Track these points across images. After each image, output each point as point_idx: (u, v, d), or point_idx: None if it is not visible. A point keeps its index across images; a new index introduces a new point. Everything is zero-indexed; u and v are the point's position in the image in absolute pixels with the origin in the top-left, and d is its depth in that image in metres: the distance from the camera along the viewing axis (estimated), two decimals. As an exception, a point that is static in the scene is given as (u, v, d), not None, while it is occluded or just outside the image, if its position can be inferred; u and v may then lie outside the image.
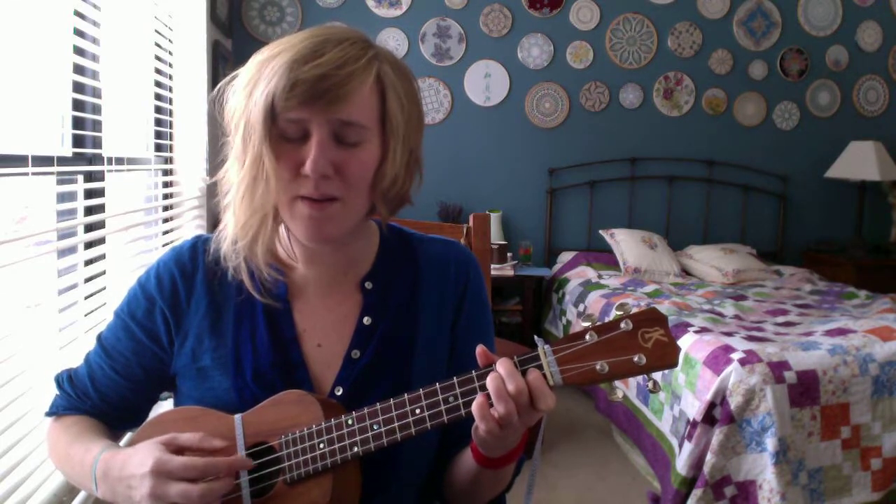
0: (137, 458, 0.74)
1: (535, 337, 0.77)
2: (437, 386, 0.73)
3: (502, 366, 0.70)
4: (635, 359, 0.68)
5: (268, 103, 0.72)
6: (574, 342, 0.70)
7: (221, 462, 0.74)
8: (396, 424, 0.73)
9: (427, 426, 0.73)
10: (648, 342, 0.69)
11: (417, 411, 0.73)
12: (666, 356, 0.69)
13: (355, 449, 0.74)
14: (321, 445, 0.75)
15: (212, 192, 0.84)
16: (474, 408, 0.70)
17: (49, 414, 0.91)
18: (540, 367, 0.71)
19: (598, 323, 0.71)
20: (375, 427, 0.74)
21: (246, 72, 0.77)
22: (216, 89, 0.81)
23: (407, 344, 0.87)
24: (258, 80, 0.74)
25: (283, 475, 0.77)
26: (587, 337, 0.70)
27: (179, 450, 0.75)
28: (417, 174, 0.85)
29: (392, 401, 0.74)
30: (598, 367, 0.69)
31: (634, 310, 0.71)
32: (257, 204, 0.76)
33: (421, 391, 0.73)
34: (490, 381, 0.70)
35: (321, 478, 0.75)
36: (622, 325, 0.70)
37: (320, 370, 0.85)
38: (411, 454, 0.86)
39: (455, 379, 0.73)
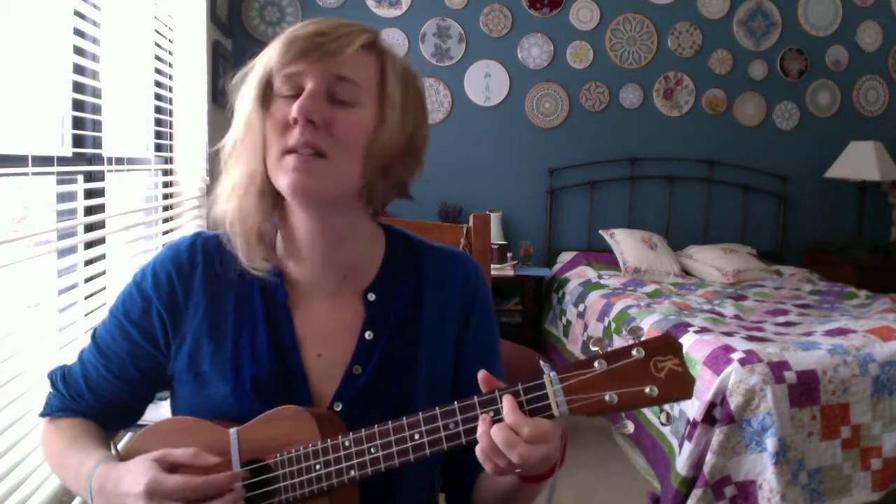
0: (131, 476, 0.73)
1: (541, 363, 0.73)
2: (437, 411, 0.70)
3: (510, 415, 0.66)
4: (647, 390, 0.65)
5: (267, 67, 0.76)
6: (582, 370, 0.67)
7: (216, 479, 0.72)
8: (395, 450, 0.71)
9: (426, 453, 0.70)
10: (661, 372, 0.66)
11: (417, 437, 0.70)
12: (680, 387, 0.65)
13: (352, 473, 0.72)
14: (318, 467, 0.73)
15: (212, 192, 0.84)
16: (479, 454, 0.67)
17: (43, 414, 0.89)
18: (545, 401, 0.68)
19: (609, 349, 0.68)
20: (373, 451, 0.72)
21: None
22: (234, 79, 0.82)
23: (409, 360, 0.85)
24: (261, 56, 0.79)
25: (278, 496, 0.75)
26: (596, 365, 0.67)
27: (173, 467, 0.73)
28: (418, 166, 0.84)
29: (391, 424, 0.72)
30: (606, 397, 0.66)
31: (646, 336, 0.68)
32: (246, 158, 0.77)
33: (420, 416, 0.71)
34: (498, 432, 0.66)
35: (317, 501, 0.74)
36: (634, 352, 0.66)
37: (320, 383, 0.83)
38: (410, 484, 0.84)
39: (456, 404, 0.70)
